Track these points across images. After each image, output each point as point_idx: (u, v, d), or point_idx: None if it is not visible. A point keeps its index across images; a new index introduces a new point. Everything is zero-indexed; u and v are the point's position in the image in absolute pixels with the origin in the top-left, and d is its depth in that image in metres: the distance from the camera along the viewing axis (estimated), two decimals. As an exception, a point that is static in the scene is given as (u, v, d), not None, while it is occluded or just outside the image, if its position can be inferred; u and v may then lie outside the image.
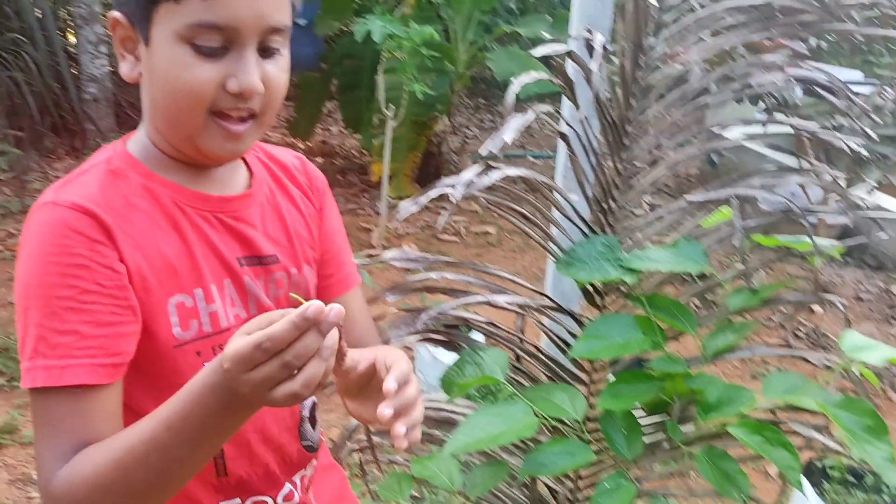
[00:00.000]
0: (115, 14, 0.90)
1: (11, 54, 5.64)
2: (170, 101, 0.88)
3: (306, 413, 1.10)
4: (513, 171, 1.18)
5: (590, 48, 1.22)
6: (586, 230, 1.46)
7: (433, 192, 1.31)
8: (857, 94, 1.29)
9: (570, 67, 1.22)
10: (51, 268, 0.83)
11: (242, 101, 0.87)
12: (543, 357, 1.55)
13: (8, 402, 3.03)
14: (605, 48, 1.18)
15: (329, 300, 1.15)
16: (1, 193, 5.19)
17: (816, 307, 4.13)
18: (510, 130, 1.11)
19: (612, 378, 1.61)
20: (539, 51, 1.19)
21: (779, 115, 1.35)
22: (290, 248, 1.05)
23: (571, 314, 1.51)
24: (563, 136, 1.27)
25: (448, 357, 3.05)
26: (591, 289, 1.52)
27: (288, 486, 1.07)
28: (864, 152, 1.23)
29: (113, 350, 0.84)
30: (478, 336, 2.56)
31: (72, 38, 6.66)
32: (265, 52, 0.89)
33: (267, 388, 0.71)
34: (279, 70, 0.91)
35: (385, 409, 0.79)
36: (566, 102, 1.94)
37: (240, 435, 0.96)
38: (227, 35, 0.85)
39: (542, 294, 1.56)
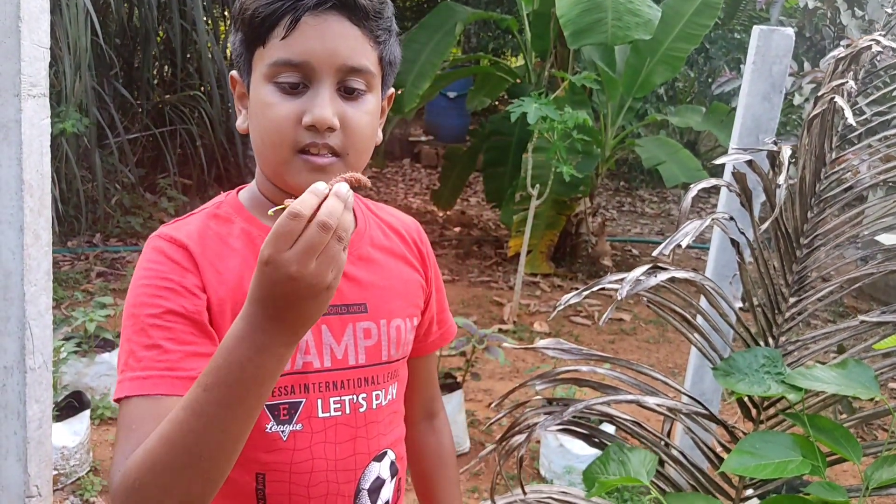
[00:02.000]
0: (233, 72, 1.00)
1: (189, 108, 6.14)
2: (258, 140, 0.94)
3: (366, 485, 1.04)
4: (681, 274, 1.17)
5: (772, 159, 1.21)
6: (747, 338, 1.42)
7: (596, 286, 1.32)
8: None
9: (750, 176, 1.21)
10: (143, 289, 0.90)
11: (318, 135, 0.90)
12: (688, 464, 1.50)
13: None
14: (789, 162, 1.17)
15: (427, 352, 1.18)
16: (165, 235, 5.59)
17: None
18: (687, 235, 1.11)
19: (754, 498, 1.54)
20: (722, 159, 1.19)
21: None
22: (384, 301, 1.05)
23: (724, 424, 1.46)
24: (735, 243, 1.26)
25: (576, 446, 2.99)
26: (746, 400, 1.46)
27: None
28: None
29: (190, 366, 0.87)
30: (609, 430, 2.50)
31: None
32: (348, 92, 0.92)
33: (311, 256, 0.71)
34: (361, 112, 0.93)
35: None
36: (732, 204, 1.91)
37: (281, 484, 0.96)
38: (304, 72, 0.90)
39: (691, 398, 1.52)
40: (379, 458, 1.05)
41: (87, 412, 2.94)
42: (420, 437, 1.19)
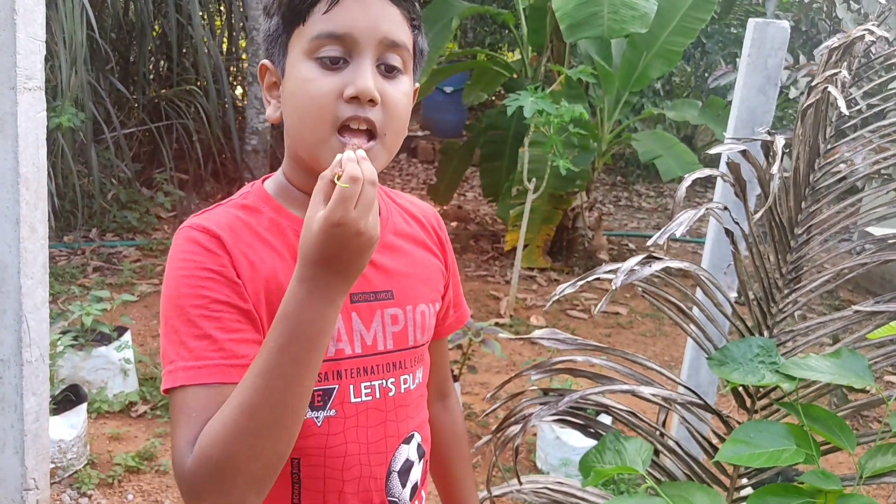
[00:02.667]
0: (264, 61, 1.00)
1: (185, 103, 6.13)
2: (296, 118, 0.94)
3: (396, 467, 1.06)
4: (676, 264, 1.17)
5: (766, 149, 1.21)
6: (742, 328, 1.43)
7: (591, 276, 1.32)
8: None
9: (744, 166, 1.21)
10: (184, 280, 0.91)
11: (360, 108, 0.91)
12: (683, 454, 1.51)
13: (150, 430, 3.21)
14: (783, 153, 1.17)
15: (443, 336, 1.20)
16: (162, 231, 5.60)
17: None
18: (681, 224, 1.11)
19: (748, 487, 1.54)
20: (717, 149, 1.19)
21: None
22: (409, 287, 1.07)
23: (719, 414, 1.47)
24: (729, 233, 1.26)
25: (573, 438, 3.00)
26: (741, 390, 1.47)
27: None
28: None
29: (241, 353, 0.89)
30: (606, 420, 2.51)
31: (239, 92, 7.19)
32: (386, 70, 0.93)
33: (369, 211, 0.80)
34: (399, 91, 0.94)
35: None
36: (727, 195, 1.91)
37: (316, 468, 0.98)
38: (346, 45, 0.91)
39: (687, 388, 1.53)
40: (407, 441, 1.07)
41: (84, 406, 2.94)
42: (435, 416, 1.21)
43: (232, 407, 0.83)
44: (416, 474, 1.09)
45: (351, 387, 1.00)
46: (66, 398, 2.93)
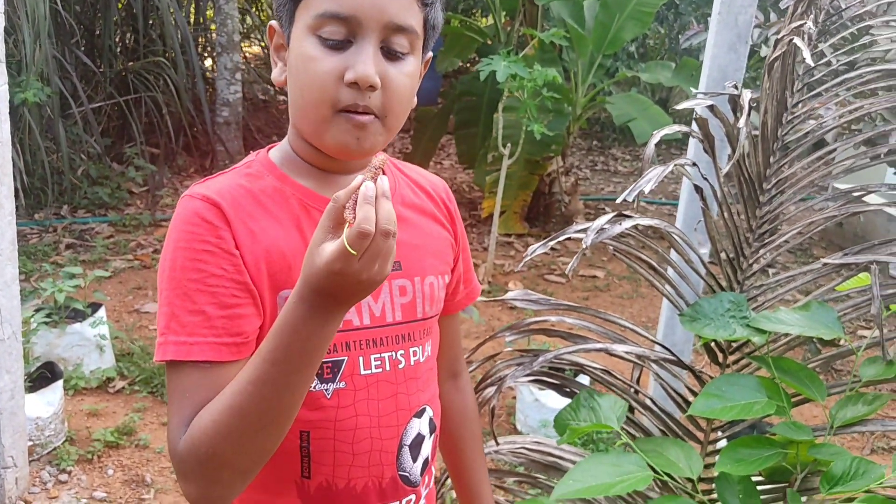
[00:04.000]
0: (272, 22, 0.98)
1: (153, 76, 6.02)
2: (298, 95, 0.93)
3: (407, 441, 1.06)
4: (645, 221, 1.17)
5: (734, 104, 1.21)
6: (714, 285, 1.44)
7: (561, 236, 1.32)
8: None
9: (712, 122, 1.21)
10: (181, 252, 0.90)
11: (360, 94, 0.89)
12: (658, 410, 1.52)
13: (128, 405, 3.19)
14: (750, 107, 1.17)
15: (453, 312, 1.19)
16: (135, 206, 5.53)
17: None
18: (650, 181, 1.11)
19: (724, 441, 1.57)
20: (684, 105, 1.19)
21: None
22: (417, 259, 1.06)
23: (692, 369, 1.48)
24: (699, 189, 1.26)
25: (551, 399, 3.02)
26: (713, 345, 1.48)
27: None
28: None
29: (234, 330, 0.89)
30: (584, 381, 2.53)
31: (209, 64, 7.07)
32: (390, 54, 0.91)
33: (376, 260, 0.77)
34: (402, 74, 0.92)
35: None
36: (699, 154, 1.92)
37: (326, 441, 0.98)
38: (350, 27, 0.89)
39: (661, 346, 1.54)
40: (419, 415, 1.06)
41: (60, 382, 2.92)
42: (445, 395, 1.19)
43: (222, 406, 0.84)
44: (426, 449, 1.09)
45: (360, 358, 0.99)
46: (42, 375, 2.91)
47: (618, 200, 1.15)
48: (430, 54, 1.02)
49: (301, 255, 0.92)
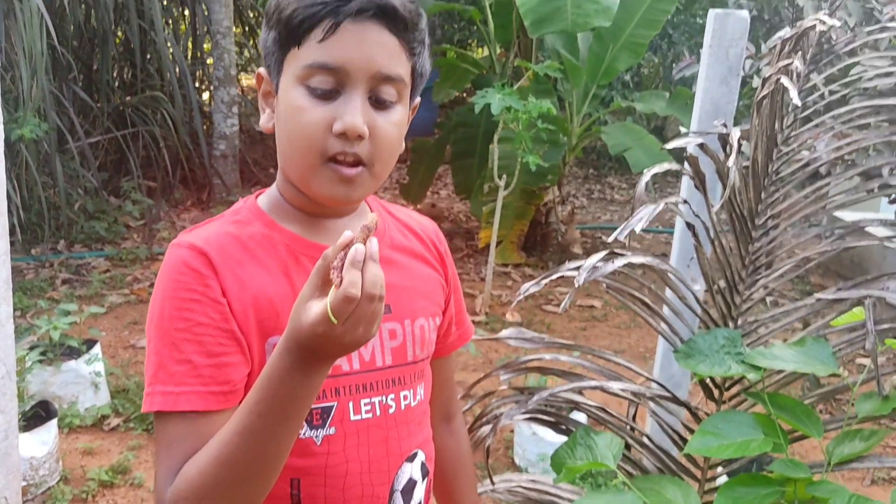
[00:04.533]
0: (261, 69, 0.99)
1: (151, 110, 6.06)
2: (286, 144, 0.94)
3: (399, 487, 1.05)
4: (638, 259, 1.17)
5: (724, 141, 1.22)
6: (708, 321, 1.43)
7: (555, 274, 1.31)
8: None
9: (703, 159, 1.21)
10: (169, 302, 0.91)
11: (348, 143, 0.90)
12: (654, 447, 1.51)
13: (123, 443, 3.16)
14: (740, 144, 1.18)
15: (446, 354, 1.18)
16: (131, 240, 5.53)
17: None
18: (641, 220, 1.11)
19: (724, 477, 1.55)
20: (674, 143, 1.19)
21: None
22: (407, 301, 1.05)
23: (688, 406, 1.47)
24: (690, 227, 1.26)
25: (549, 433, 3.00)
26: (708, 381, 1.48)
27: None
28: None
29: (221, 379, 0.89)
30: (580, 417, 2.52)
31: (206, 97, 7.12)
32: (378, 103, 0.92)
33: (360, 324, 0.77)
34: (389, 123, 0.93)
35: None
36: (691, 190, 1.92)
37: (316, 488, 0.97)
38: (339, 77, 0.89)
39: (657, 383, 1.53)
40: (410, 459, 1.05)
41: (55, 421, 2.89)
42: (438, 438, 1.17)
43: (209, 457, 0.84)
44: (419, 494, 1.08)
45: (350, 404, 0.99)
46: (37, 414, 2.89)
47: (610, 239, 1.15)
48: (418, 100, 1.02)
49: (289, 301, 0.92)
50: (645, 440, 1.48)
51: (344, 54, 0.88)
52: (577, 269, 1.25)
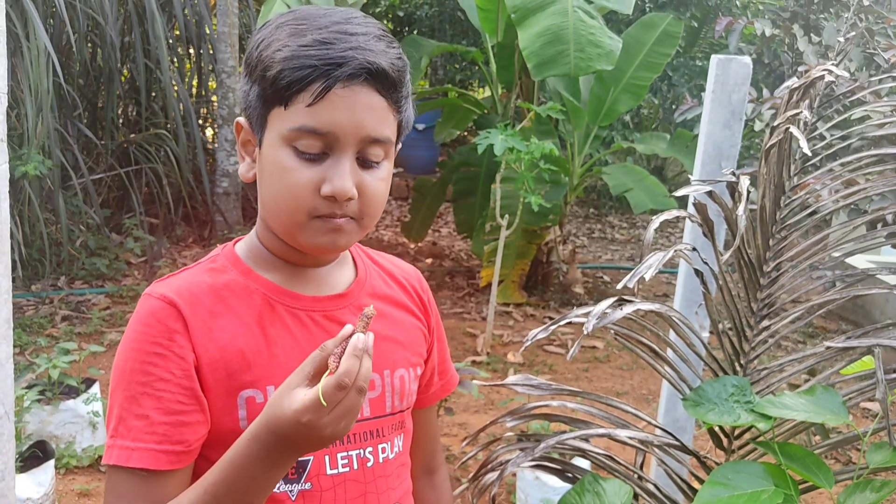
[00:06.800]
0: (240, 119, 0.97)
1: (154, 147, 6.09)
2: (271, 201, 0.93)
3: None
4: (646, 306, 1.16)
5: (731, 188, 1.22)
6: (716, 368, 1.42)
7: (564, 320, 1.31)
8: None
9: (711, 206, 1.21)
10: (133, 354, 0.90)
11: (337, 205, 0.89)
12: (662, 496, 1.49)
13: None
14: (748, 191, 1.18)
15: (428, 404, 1.16)
16: (132, 277, 5.52)
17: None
18: (650, 267, 1.11)
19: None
20: (682, 192, 1.19)
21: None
22: (387, 352, 1.04)
23: (696, 455, 1.45)
24: (699, 273, 1.26)
25: (552, 478, 2.96)
26: (717, 429, 1.46)
27: None
28: None
29: (176, 438, 0.88)
30: (584, 464, 2.49)
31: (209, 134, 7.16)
32: (364, 163, 0.91)
33: (345, 417, 0.77)
34: (377, 179, 0.93)
35: None
36: (696, 235, 1.92)
37: None
38: (327, 141, 0.88)
39: (663, 430, 1.51)
40: None
41: (52, 462, 2.85)
42: (419, 492, 1.15)
43: None
44: None
45: (326, 457, 0.96)
46: (33, 455, 2.85)
47: (619, 286, 1.14)
48: (399, 145, 1.01)
49: (262, 352, 0.92)
50: (652, 488, 1.46)
51: (333, 119, 0.87)
52: (587, 314, 1.25)
